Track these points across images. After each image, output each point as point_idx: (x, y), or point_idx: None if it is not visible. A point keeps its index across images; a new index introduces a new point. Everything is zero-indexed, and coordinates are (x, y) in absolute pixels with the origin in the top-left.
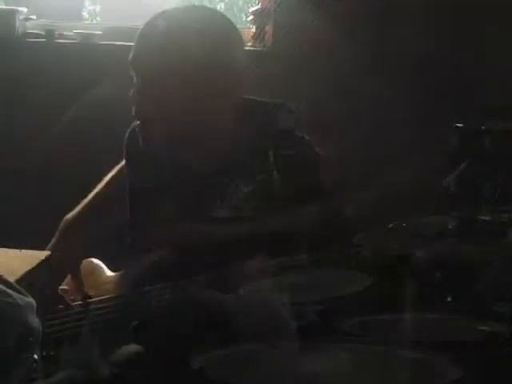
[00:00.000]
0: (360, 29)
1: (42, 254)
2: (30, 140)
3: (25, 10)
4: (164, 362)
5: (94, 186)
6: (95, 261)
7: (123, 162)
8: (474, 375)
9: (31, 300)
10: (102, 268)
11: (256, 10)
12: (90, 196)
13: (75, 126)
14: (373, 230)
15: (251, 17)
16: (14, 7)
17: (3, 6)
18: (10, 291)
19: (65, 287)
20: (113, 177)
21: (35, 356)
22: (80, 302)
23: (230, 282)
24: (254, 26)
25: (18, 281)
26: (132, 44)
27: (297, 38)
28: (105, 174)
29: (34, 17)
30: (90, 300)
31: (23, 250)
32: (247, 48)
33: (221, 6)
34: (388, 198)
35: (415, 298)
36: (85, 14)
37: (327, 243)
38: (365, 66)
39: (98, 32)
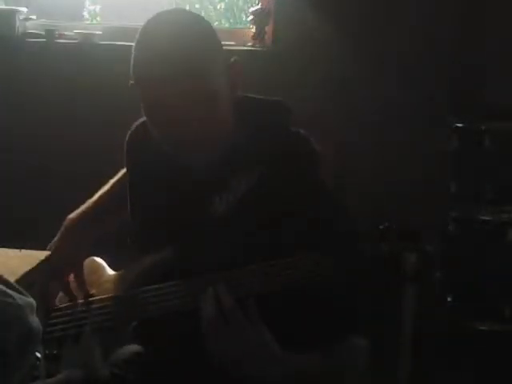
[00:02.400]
0: (360, 29)
1: (42, 254)
2: (30, 139)
3: (25, 9)
4: (164, 361)
5: (95, 186)
6: (98, 260)
7: None
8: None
9: (31, 300)
10: (104, 267)
11: (256, 10)
12: (95, 196)
13: (76, 125)
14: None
15: (251, 17)
16: (14, 7)
17: (3, 6)
18: (9, 291)
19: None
20: (118, 179)
21: (38, 354)
22: (82, 301)
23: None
24: (254, 26)
25: (17, 281)
26: (132, 44)
27: (297, 38)
28: (107, 174)
29: (34, 17)
30: (92, 299)
31: (23, 250)
32: (247, 48)
33: (221, 6)
34: None
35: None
36: (85, 14)
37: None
38: (365, 65)
39: (98, 32)
